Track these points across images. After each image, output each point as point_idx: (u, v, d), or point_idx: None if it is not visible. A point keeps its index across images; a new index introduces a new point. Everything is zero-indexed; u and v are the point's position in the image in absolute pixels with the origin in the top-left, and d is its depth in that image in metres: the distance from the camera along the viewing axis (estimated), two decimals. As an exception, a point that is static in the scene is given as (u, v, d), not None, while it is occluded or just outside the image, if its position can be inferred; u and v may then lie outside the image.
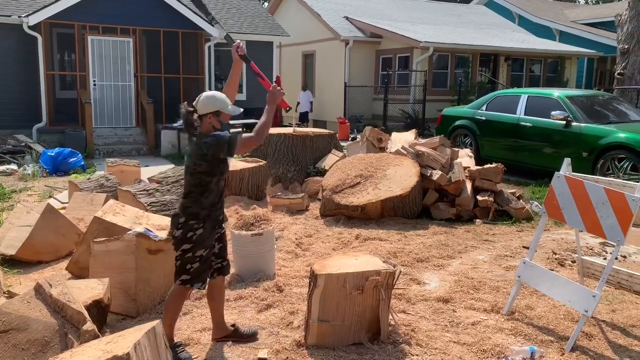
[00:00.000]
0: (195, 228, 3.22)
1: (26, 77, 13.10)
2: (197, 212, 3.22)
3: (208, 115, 3.19)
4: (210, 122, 3.20)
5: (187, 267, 3.25)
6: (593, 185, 3.68)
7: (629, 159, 7.87)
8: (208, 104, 3.20)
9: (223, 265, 3.50)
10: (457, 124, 10.79)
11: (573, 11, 26.63)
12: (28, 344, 2.73)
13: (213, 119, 3.20)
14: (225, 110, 3.24)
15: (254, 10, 17.67)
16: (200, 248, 3.25)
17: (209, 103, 3.20)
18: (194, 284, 3.30)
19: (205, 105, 3.20)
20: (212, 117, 3.19)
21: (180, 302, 3.40)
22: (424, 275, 4.87)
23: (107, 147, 12.79)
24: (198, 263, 3.26)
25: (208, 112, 3.19)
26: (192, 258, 3.24)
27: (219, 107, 3.21)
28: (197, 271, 3.27)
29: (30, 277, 4.79)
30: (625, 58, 12.84)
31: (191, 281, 3.28)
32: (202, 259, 3.27)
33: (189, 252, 3.23)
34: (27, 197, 8.01)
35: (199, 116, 3.19)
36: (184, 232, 3.22)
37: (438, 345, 3.56)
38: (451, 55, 17.78)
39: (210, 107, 3.19)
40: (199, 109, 3.20)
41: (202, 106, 3.20)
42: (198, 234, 3.22)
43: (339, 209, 6.72)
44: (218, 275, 3.48)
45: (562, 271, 5.02)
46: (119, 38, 13.53)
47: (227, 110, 3.25)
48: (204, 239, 3.25)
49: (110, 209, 4.81)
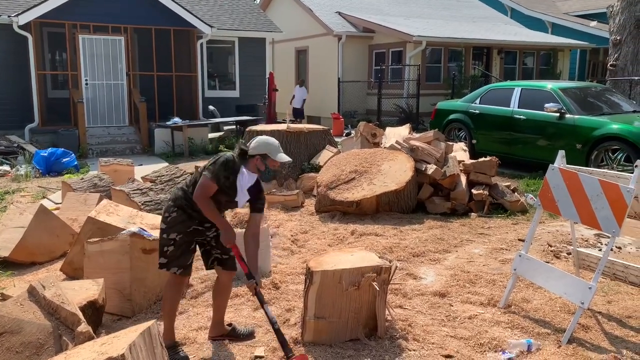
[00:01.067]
0: (171, 210, 3.35)
1: (17, 77, 13.01)
2: (178, 196, 3.37)
3: (256, 156, 3.33)
4: (257, 163, 3.35)
5: (164, 249, 3.35)
6: (588, 177, 3.68)
7: (623, 150, 7.88)
8: (259, 147, 3.35)
9: (223, 258, 3.49)
10: (451, 118, 10.78)
11: (565, 3, 26.65)
12: (22, 347, 2.71)
13: (259, 162, 3.35)
14: (274, 157, 3.36)
15: (245, 6, 17.59)
16: (174, 231, 3.32)
17: (260, 146, 3.35)
18: (170, 268, 3.35)
19: (256, 148, 3.35)
20: (259, 159, 3.34)
21: (174, 293, 3.43)
22: (420, 270, 4.86)
23: (100, 147, 12.72)
24: (172, 247, 3.33)
25: (257, 153, 3.34)
26: (167, 240, 3.33)
27: (267, 151, 3.34)
28: (173, 255, 3.33)
29: (24, 279, 4.76)
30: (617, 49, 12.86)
31: (167, 265, 3.35)
32: (176, 244, 3.33)
33: (164, 233, 3.35)
34: (20, 198, 7.96)
35: (249, 155, 3.34)
36: (164, 210, 3.41)
37: (435, 339, 3.55)
38: (444, 49, 17.77)
39: (260, 150, 3.34)
40: (251, 148, 3.35)
41: (254, 147, 3.35)
42: (172, 216, 3.34)
43: (334, 205, 6.70)
44: (218, 265, 3.50)
45: (557, 263, 5.03)
46: (110, 36, 13.45)
47: (276, 157, 3.37)
48: (176, 223, 3.33)
49: (104, 208, 4.78)
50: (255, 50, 16.27)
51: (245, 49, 16.21)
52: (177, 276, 3.38)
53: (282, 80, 19.15)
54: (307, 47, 20.10)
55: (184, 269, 3.38)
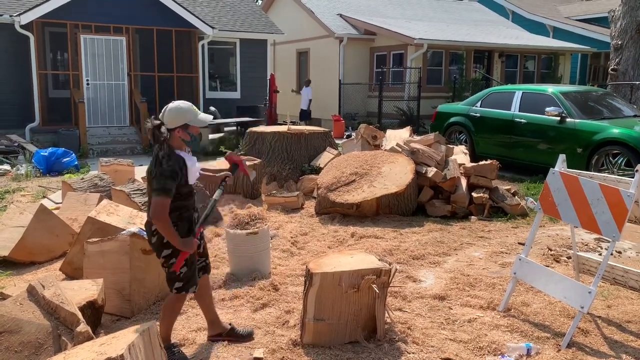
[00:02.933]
0: None
1: (18, 77, 13.03)
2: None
3: (176, 129, 3.06)
4: (180, 135, 3.08)
5: (177, 273, 3.18)
6: (588, 181, 3.68)
7: (623, 154, 7.88)
8: (176, 117, 3.05)
9: (207, 263, 3.47)
10: (451, 121, 10.79)
11: (567, 7, 26.69)
12: (21, 347, 2.71)
13: (182, 132, 3.08)
14: (195, 122, 3.10)
15: (247, 8, 17.62)
16: None
17: (176, 116, 3.06)
18: (189, 290, 3.23)
19: (173, 119, 3.05)
20: (181, 130, 3.07)
21: (177, 309, 3.35)
22: (420, 273, 4.86)
23: (100, 147, 12.72)
24: (185, 267, 3.18)
25: (176, 126, 3.05)
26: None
27: (187, 119, 3.07)
28: (187, 275, 3.20)
29: (24, 278, 4.76)
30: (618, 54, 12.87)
31: (185, 287, 3.21)
32: (188, 263, 3.19)
33: (172, 258, 3.14)
34: (20, 197, 7.96)
35: (168, 129, 3.05)
36: (160, 237, 3.11)
37: (434, 342, 3.55)
38: (445, 52, 17.79)
39: (178, 120, 3.05)
40: (167, 122, 3.05)
41: (170, 119, 3.05)
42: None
43: (334, 207, 6.70)
44: (203, 274, 3.45)
45: (557, 267, 5.02)
46: (111, 37, 13.46)
47: (197, 121, 3.10)
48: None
49: (104, 209, 4.78)
50: (257, 52, 16.28)
51: (247, 51, 16.23)
52: (184, 295, 3.27)
53: (283, 81, 19.16)
54: (308, 49, 20.13)
55: (197, 284, 3.30)
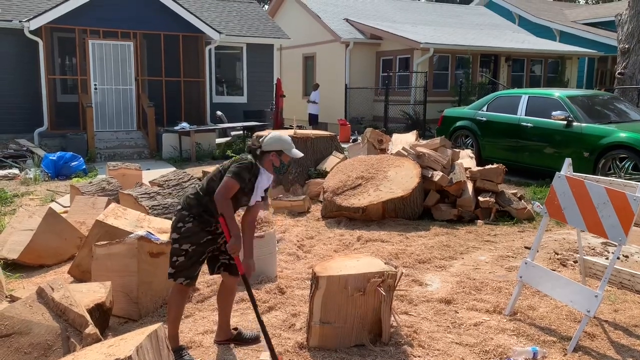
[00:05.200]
0: (185, 220, 3.31)
1: (27, 82, 13.14)
2: (192, 205, 3.34)
3: (272, 152, 3.40)
4: (272, 159, 3.42)
5: (173, 259, 3.33)
6: (594, 185, 3.68)
7: (630, 158, 7.86)
8: (275, 143, 3.41)
9: (231, 264, 3.49)
10: (458, 125, 10.78)
11: (573, 11, 26.63)
12: (30, 348, 2.74)
13: (275, 157, 3.42)
14: (289, 152, 3.44)
15: (254, 13, 17.70)
16: (187, 242, 3.30)
17: (276, 142, 3.42)
18: (177, 278, 3.34)
19: (271, 144, 3.40)
20: (275, 155, 3.41)
21: (179, 300, 3.42)
22: (426, 277, 4.86)
23: (108, 151, 12.80)
24: (183, 257, 3.31)
25: (272, 149, 3.40)
26: (179, 250, 3.31)
27: (284, 147, 3.42)
28: (181, 265, 3.32)
29: (33, 281, 4.80)
30: (625, 58, 12.83)
31: (175, 275, 3.34)
32: (187, 254, 3.31)
33: (176, 243, 3.32)
34: (29, 201, 8.02)
35: (262, 151, 3.40)
36: (176, 219, 3.36)
37: (440, 346, 3.55)
38: (451, 56, 17.78)
39: (276, 146, 3.41)
40: (265, 145, 3.40)
41: (268, 143, 3.41)
42: (187, 226, 3.30)
43: (340, 211, 6.72)
44: (224, 271, 3.50)
45: (564, 271, 5.01)
46: (119, 42, 13.56)
47: (291, 152, 3.45)
48: (191, 234, 3.30)
49: (111, 212, 4.82)
50: (263, 57, 16.34)
51: (253, 55, 16.29)
52: (182, 286, 3.37)
53: (289, 86, 19.21)
54: (314, 53, 20.18)
55: (191, 279, 3.38)
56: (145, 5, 13.50)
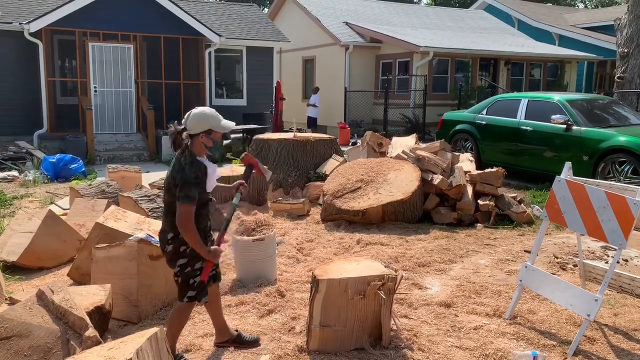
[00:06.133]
0: (184, 242, 3.09)
1: (27, 84, 13.16)
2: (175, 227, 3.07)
3: (200, 134, 3.07)
4: (202, 141, 3.09)
5: (190, 282, 3.16)
6: (594, 189, 3.68)
7: (630, 162, 7.86)
8: (200, 122, 3.06)
9: (217, 272, 3.46)
10: (457, 129, 10.80)
11: (572, 15, 26.69)
12: (30, 351, 2.73)
13: (205, 138, 3.09)
14: (218, 128, 3.10)
15: (254, 16, 17.73)
16: (197, 260, 3.14)
17: (200, 121, 3.06)
18: (201, 299, 3.22)
19: (196, 124, 3.06)
20: (204, 136, 3.08)
21: (185, 318, 3.33)
22: (426, 280, 4.86)
23: (108, 153, 12.80)
24: (199, 276, 3.18)
25: (200, 131, 3.07)
26: (193, 272, 3.16)
27: (211, 125, 3.08)
28: (201, 285, 3.19)
29: (32, 284, 4.79)
30: (624, 62, 12.86)
31: (198, 296, 3.20)
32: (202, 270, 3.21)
33: (187, 267, 3.14)
34: (28, 203, 8.02)
35: (190, 135, 3.06)
36: (175, 246, 3.12)
37: (440, 350, 3.55)
38: (451, 60, 17.82)
39: (201, 125, 3.06)
40: (189, 127, 3.06)
41: (193, 125, 3.06)
42: (189, 248, 3.11)
43: (340, 214, 6.72)
44: (213, 282, 3.43)
45: (563, 275, 5.01)
46: (119, 44, 13.57)
47: (220, 127, 3.11)
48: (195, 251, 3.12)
49: (111, 215, 4.82)
50: (263, 60, 16.37)
51: (253, 58, 16.31)
52: (196, 304, 3.26)
53: (289, 89, 19.23)
54: (314, 56, 20.21)
55: (207, 294, 3.29)
56: (145, 8, 13.52)
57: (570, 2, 42.06)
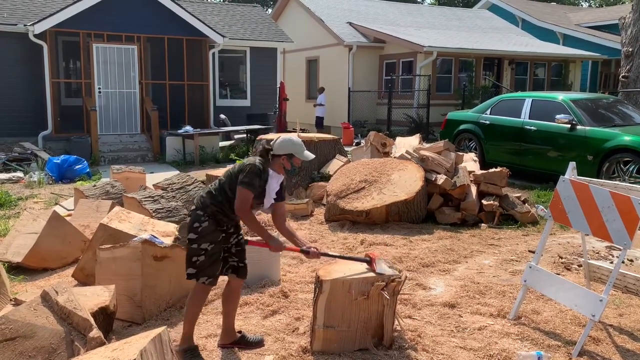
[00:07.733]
0: (201, 219, 3.32)
1: (32, 85, 13.20)
2: (207, 204, 3.35)
3: (282, 156, 3.40)
4: (282, 162, 3.42)
5: (193, 259, 3.32)
6: (599, 189, 3.67)
7: (635, 162, 7.83)
8: (285, 146, 3.41)
9: (239, 266, 3.53)
10: (461, 128, 10.78)
11: (577, 14, 26.61)
12: (35, 352, 2.74)
13: (285, 160, 3.42)
14: (300, 155, 3.43)
15: (257, 16, 17.74)
16: (206, 241, 3.31)
17: (286, 145, 3.41)
18: (199, 278, 3.34)
19: (282, 147, 3.40)
20: (286, 158, 3.41)
21: (199, 300, 3.44)
22: (430, 280, 4.85)
23: (112, 154, 12.84)
24: (204, 256, 3.31)
25: (283, 153, 3.40)
26: (198, 250, 3.31)
27: (294, 151, 3.41)
28: (203, 265, 3.32)
29: (37, 285, 4.81)
30: (629, 61, 12.81)
31: (197, 275, 3.34)
32: (207, 253, 3.32)
33: (194, 243, 3.32)
34: (33, 204, 8.04)
35: (273, 155, 3.40)
36: (192, 220, 3.36)
37: (444, 350, 3.54)
38: (455, 60, 17.79)
39: (287, 149, 3.40)
40: (275, 148, 3.40)
41: (279, 147, 3.40)
42: (203, 226, 3.31)
43: (344, 214, 6.71)
44: (232, 273, 3.52)
45: (568, 275, 5.00)
46: (123, 45, 13.61)
47: (302, 155, 3.44)
48: (208, 232, 3.32)
49: (115, 215, 4.83)
50: (267, 60, 16.38)
51: (257, 59, 16.33)
52: (204, 285, 3.39)
53: (292, 89, 19.24)
54: (317, 56, 20.21)
55: (213, 278, 3.39)
56: (149, 9, 13.55)
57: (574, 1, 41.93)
